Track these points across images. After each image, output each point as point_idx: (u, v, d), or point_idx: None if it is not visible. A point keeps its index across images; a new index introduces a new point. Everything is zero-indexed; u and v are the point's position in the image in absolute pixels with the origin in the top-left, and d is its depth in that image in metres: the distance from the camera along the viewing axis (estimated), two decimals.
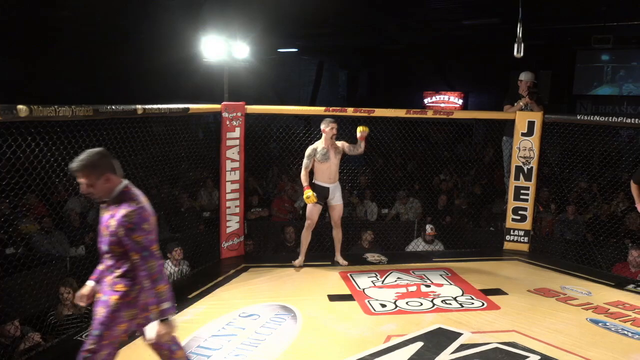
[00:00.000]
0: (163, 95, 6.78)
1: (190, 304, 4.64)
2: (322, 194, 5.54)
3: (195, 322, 4.27)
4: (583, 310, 4.68)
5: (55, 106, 3.83)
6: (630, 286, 5.31)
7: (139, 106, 4.71)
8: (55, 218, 6.21)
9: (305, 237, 5.70)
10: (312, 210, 5.61)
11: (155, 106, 4.95)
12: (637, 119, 5.86)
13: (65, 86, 11.26)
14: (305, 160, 5.53)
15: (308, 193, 5.44)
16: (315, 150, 5.51)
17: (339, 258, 5.79)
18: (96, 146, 4.61)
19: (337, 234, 5.76)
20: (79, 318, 4.49)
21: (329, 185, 5.55)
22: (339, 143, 5.60)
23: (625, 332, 4.26)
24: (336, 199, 5.64)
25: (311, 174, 5.56)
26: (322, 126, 5.51)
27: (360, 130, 5.50)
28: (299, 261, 5.68)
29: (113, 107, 4.41)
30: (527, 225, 6.38)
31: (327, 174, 5.52)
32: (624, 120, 5.86)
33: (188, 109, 5.44)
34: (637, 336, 4.20)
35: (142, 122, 5.06)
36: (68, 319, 4.46)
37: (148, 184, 6.83)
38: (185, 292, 4.88)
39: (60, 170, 4.40)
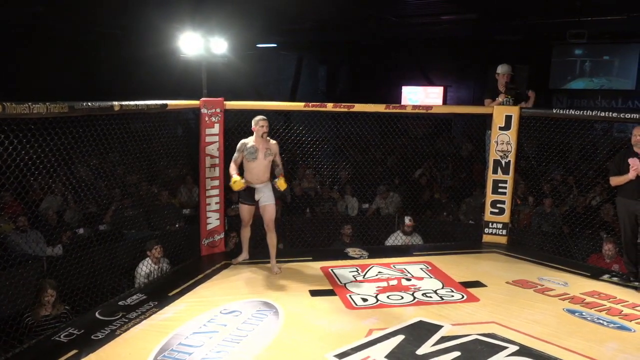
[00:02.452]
0: (143, 92, 6.70)
1: (170, 302, 4.60)
2: (248, 193, 5.33)
3: (176, 320, 4.24)
4: (560, 300, 4.77)
5: (29, 103, 3.74)
6: (605, 276, 5.42)
7: (115, 103, 4.63)
8: (31, 217, 6.11)
9: (244, 235, 5.60)
10: (243, 211, 5.44)
11: (132, 103, 4.88)
12: (610, 113, 5.97)
13: (41, 83, 11.03)
14: (235, 154, 5.31)
15: (235, 178, 5.14)
16: (244, 145, 5.27)
17: (273, 266, 5.39)
18: (72, 143, 4.60)
19: (271, 239, 5.38)
20: (57, 318, 4.42)
21: (254, 185, 5.30)
22: (274, 145, 5.35)
23: (601, 322, 4.35)
24: (264, 199, 5.32)
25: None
26: (252, 124, 5.26)
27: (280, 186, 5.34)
28: (241, 257, 5.63)
29: (89, 103, 4.33)
30: (505, 218, 6.47)
31: (255, 173, 5.26)
32: (598, 114, 5.97)
33: (166, 105, 5.37)
34: (612, 325, 4.30)
35: (119, 119, 4.99)
36: (45, 320, 4.39)
37: (127, 182, 6.79)
38: (165, 290, 4.85)
39: (35, 168, 4.33)
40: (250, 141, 5.30)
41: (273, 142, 5.37)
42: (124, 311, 4.38)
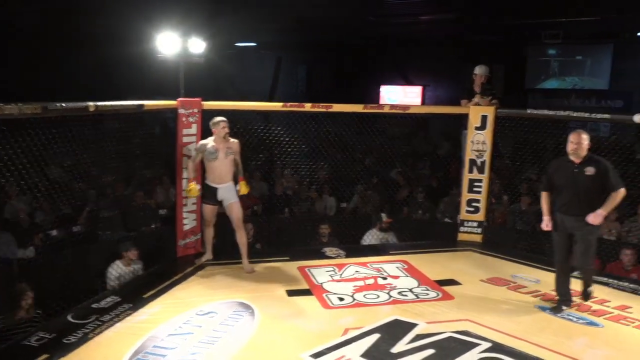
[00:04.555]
0: (124, 92, 6.64)
1: (145, 304, 4.56)
2: (211, 193, 5.32)
3: (151, 322, 4.21)
4: (532, 297, 4.85)
5: (1, 104, 3.69)
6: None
7: (90, 103, 4.57)
8: (1, 219, 6.00)
9: (207, 235, 5.58)
10: (206, 211, 5.42)
11: (108, 103, 4.82)
12: (582, 113, 6.08)
13: (18, 84, 10.85)
14: (192, 153, 5.36)
15: (191, 186, 5.25)
16: (204, 146, 5.23)
17: (245, 264, 5.39)
18: (45, 145, 4.55)
19: (240, 238, 5.37)
20: (28, 322, 4.35)
21: (217, 185, 5.28)
22: (235, 144, 5.28)
23: (571, 318, 4.45)
24: (228, 198, 5.31)
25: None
26: (211, 127, 5.22)
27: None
28: (205, 257, 5.61)
29: (63, 104, 4.27)
30: (480, 216, 6.55)
31: (217, 173, 5.23)
32: (571, 114, 6.08)
33: (142, 106, 5.31)
34: (581, 321, 4.39)
35: (95, 120, 4.94)
36: (17, 324, 4.32)
37: (102, 183, 6.72)
38: (140, 292, 4.79)
39: (7, 170, 4.26)
40: (209, 142, 5.26)
41: (234, 140, 5.32)
42: (97, 314, 4.32)
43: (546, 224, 4.63)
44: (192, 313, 4.38)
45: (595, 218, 4.30)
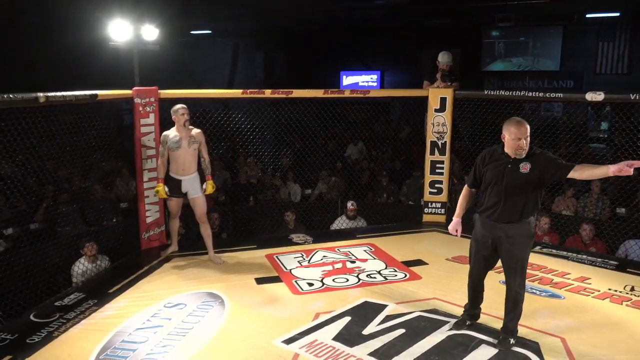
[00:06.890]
0: (80, 82, 6.38)
1: (111, 299, 4.47)
2: (175, 186, 5.20)
3: (118, 317, 4.13)
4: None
5: None
6: (537, 248, 5.72)
7: (40, 94, 4.40)
8: None
9: (173, 227, 5.51)
10: (171, 204, 5.36)
11: (59, 94, 4.64)
12: (536, 93, 6.25)
13: None
14: (160, 149, 5.25)
15: (158, 187, 5.21)
16: (167, 136, 5.14)
17: (212, 256, 5.36)
18: None
19: (205, 230, 5.34)
20: None
21: (181, 177, 5.17)
22: (198, 134, 5.20)
23: (534, 291, 4.61)
24: (193, 192, 5.22)
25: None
26: (172, 115, 5.14)
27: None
28: (170, 249, 5.55)
29: (11, 96, 4.09)
30: (443, 197, 6.67)
31: (180, 163, 5.13)
32: (526, 94, 6.24)
33: (96, 95, 5.15)
34: (543, 294, 4.56)
35: (46, 111, 4.74)
36: None
37: (58, 177, 6.47)
38: (105, 287, 4.69)
39: None
40: (172, 132, 5.16)
41: (197, 130, 5.23)
42: (61, 312, 4.21)
43: (454, 228, 3.92)
44: (160, 305, 4.32)
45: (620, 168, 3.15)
